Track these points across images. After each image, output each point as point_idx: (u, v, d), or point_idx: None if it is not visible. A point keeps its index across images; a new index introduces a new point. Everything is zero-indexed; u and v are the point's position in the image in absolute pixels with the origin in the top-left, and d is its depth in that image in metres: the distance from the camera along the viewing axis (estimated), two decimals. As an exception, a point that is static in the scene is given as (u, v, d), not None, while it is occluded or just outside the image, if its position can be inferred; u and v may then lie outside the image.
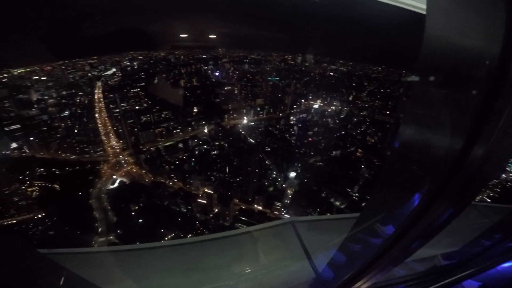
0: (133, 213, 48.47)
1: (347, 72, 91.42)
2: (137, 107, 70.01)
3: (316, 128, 68.99)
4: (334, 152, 60.31)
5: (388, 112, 72.13)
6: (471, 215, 4.98)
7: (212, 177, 54.00)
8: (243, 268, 3.20)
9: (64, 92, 73.51)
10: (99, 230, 46.92)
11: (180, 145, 60.39)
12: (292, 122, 72.18)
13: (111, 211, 48.95)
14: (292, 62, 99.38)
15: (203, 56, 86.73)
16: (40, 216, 46.19)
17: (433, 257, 3.57)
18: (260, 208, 51.96)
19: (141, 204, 49.46)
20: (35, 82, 73.38)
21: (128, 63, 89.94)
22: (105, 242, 44.88)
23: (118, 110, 68.76)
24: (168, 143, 62.02)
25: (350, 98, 79.67)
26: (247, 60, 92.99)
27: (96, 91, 78.08)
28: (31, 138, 58.58)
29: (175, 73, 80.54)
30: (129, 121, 64.78)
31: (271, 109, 77.15)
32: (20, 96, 65.51)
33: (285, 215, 49.59)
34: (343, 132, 67.18)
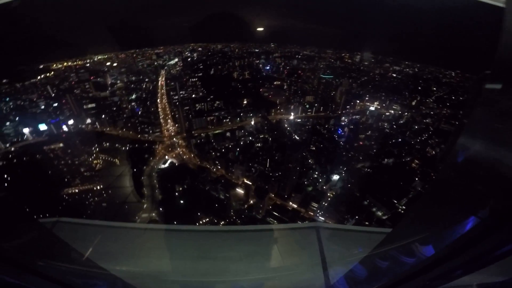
0: (176, 194, 52.20)
1: (413, 75, 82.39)
2: (193, 95, 75.40)
3: (370, 132, 63.97)
4: (386, 160, 55.15)
5: (457, 123, 62.61)
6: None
7: (252, 169, 54.90)
8: (252, 266, 3.12)
9: (133, 78, 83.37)
10: (145, 206, 51.26)
11: (228, 134, 62.94)
12: (343, 123, 68.31)
13: (158, 189, 53.46)
14: (349, 61, 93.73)
15: (256, 50, 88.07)
16: (98, 187, 52.87)
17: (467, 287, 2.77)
18: (295, 206, 50.86)
19: (185, 186, 53.04)
20: (110, 67, 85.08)
21: (189, 54, 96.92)
22: (147, 219, 48.67)
23: (177, 97, 75.04)
24: (217, 131, 65.28)
25: (414, 103, 71.49)
26: (299, 56, 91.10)
27: (160, 78, 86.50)
28: (103, 116, 68.06)
29: (229, 65, 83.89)
30: (185, 108, 70.13)
31: (321, 107, 74.26)
32: (98, 79, 76.59)
33: (320, 217, 47.73)
34: (399, 139, 60.78)
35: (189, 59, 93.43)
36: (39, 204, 44.36)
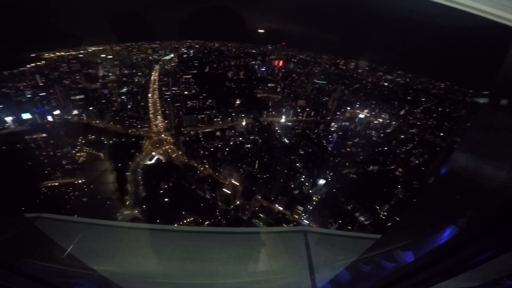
0: (161, 191, 51.38)
1: (403, 84, 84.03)
2: (186, 92, 74.67)
3: (357, 139, 64.86)
4: (371, 167, 56.09)
5: (441, 134, 64.07)
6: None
7: (241, 170, 54.78)
8: (240, 268, 3.11)
9: (126, 71, 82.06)
10: (127, 203, 50.14)
11: (218, 133, 62.70)
12: (332, 129, 68.99)
13: (143, 186, 52.55)
14: (343, 67, 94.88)
15: (253, 51, 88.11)
16: (80, 181, 51.34)
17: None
18: (281, 208, 51.09)
19: (170, 184, 52.30)
20: (103, 59, 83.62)
21: (185, 50, 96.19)
22: (129, 216, 47.54)
23: (169, 93, 74.11)
24: (207, 130, 64.93)
25: (402, 113, 72.91)
26: (295, 60, 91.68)
27: (153, 73, 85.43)
28: (90, 108, 66.53)
29: (225, 64, 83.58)
30: (176, 104, 69.41)
31: (312, 112, 74.81)
32: (90, 71, 75.10)
33: (304, 220, 48.18)
34: (385, 148, 61.91)
35: (184, 56, 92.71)
36: (17, 195, 42.88)
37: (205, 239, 3.22)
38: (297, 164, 58.02)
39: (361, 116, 74.10)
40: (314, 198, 51.71)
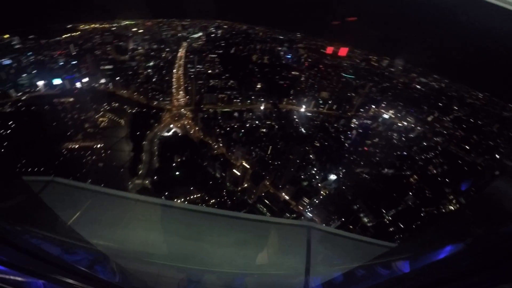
0: (174, 164, 52.70)
1: (437, 89, 78.94)
2: (209, 71, 75.36)
3: (377, 139, 62.30)
4: (386, 170, 54.01)
5: (467, 147, 59.67)
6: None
7: (253, 153, 54.89)
8: (236, 255, 3.06)
9: (154, 46, 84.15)
10: (140, 172, 51.78)
11: (236, 114, 62.92)
12: (352, 125, 66.73)
13: (157, 157, 54.10)
14: (375, 64, 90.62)
15: (280, 37, 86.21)
16: (98, 146, 53.90)
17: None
18: (287, 198, 50.81)
19: (183, 158, 53.52)
20: (134, 33, 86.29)
21: (213, 30, 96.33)
22: (139, 185, 49.02)
23: (193, 70, 75.26)
24: (225, 110, 65.40)
25: (429, 119, 68.72)
26: (324, 51, 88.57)
27: (180, 50, 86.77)
28: (117, 78, 69.35)
29: (250, 47, 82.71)
30: (199, 82, 70.65)
31: (335, 105, 72.60)
32: (120, 43, 77.81)
33: (308, 213, 47.72)
34: (404, 152, 59.07)
35: (212, 35, 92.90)
36: (38, 154, 46.14)
37: (207, 220, 3.18)
38: (311, 156, 57.07)
39: (385, 116, 70.82)
40: (322, 192, 50.90)
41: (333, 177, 52.40)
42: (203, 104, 66.16)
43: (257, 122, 61.54)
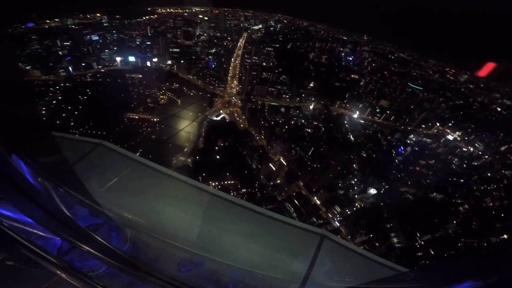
0: (216, 148, 55.07)
1: (523, 117, 66.50)
2: (264, 64, 76.30)
3: (433, 161, 55.21)
4: (435, 194, 47.72)
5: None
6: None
7: (293, 151, 54.09)
8: (241, 248, 3.01)
9: (218, 34, 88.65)
10: (185, 150, 55.17)
11: (282, 109, 62.56)
12: (408, 141, 60.32)
13: (203, 138, 57.18)
14: (451, 78, 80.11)
15: (343, 38, 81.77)
16: (155, 120, 59.31)
17: None
18: (318, 202, 48.91)
19: (226, 143, 55.61)
20: (202, 20, 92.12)
21: (273, 24, 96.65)
22: (182, 162, 51.99)
23: (249, 61, 77.28)
24: (273, 103, 65.65)
25: (502, 149, 58.00)
26: (392, 57, 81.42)
27: (241, 40, 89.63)
28: (182, 61, 75.20)
29: (309, 44, 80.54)
30: (253, 73, 72.16)
31: (393, 116, 66.45)
32: (189, 28, 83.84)
33: (336, 222, 45.34)
34: (461, 180, 51.28)
35: (271, 28, 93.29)
36: (104, 119, 53.38)
37: (224, 206, 3.10)
38: (354, 165, 53.73)
39: (450, 137, 62.18)
40: (356, 204, 47.68)
41: (372, 191, 48.53)
42: (253, 95, 67.38)
43: (303, 121, 60.16)
